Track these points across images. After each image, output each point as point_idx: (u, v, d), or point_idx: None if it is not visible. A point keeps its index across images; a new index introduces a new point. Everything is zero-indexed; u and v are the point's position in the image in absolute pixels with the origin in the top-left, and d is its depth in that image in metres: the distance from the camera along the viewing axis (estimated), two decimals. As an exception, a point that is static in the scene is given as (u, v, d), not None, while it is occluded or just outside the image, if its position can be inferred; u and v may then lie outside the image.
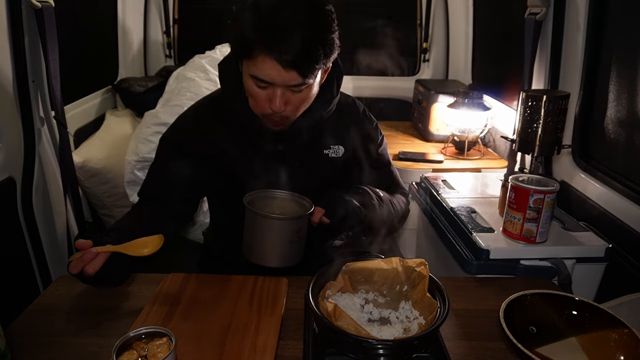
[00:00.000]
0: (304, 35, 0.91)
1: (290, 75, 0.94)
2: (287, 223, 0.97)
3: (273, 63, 0.92)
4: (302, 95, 1.01)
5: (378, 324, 0.87)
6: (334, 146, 1.19)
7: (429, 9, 2.71)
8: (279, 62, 0.92)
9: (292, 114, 1.04)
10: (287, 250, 0.99)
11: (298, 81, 0.96)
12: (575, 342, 0.89)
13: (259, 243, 0.99)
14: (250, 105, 1.06)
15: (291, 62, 0.92)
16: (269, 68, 0.93)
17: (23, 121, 1.42)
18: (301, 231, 1.00)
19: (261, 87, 0.98)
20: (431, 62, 2.80)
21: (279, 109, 0.99)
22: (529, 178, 1.19)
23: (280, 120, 1.05)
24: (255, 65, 0.95)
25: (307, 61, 0.93)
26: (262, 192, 1.05)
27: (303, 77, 0.95)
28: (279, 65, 0.92)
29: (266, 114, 1.02)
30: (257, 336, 0.86)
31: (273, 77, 0.95)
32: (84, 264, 0.89)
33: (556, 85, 1.56)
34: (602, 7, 1.40)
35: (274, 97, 0.98)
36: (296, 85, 0.97)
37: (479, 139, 2.15)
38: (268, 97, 0.99)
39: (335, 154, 1.19)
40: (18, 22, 1.35)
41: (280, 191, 1.07)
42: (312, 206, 1.02)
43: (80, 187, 1.75)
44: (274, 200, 1.06)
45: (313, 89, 1.03)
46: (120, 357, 0.72)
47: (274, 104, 0.98)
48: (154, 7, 2.72)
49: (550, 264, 1.17)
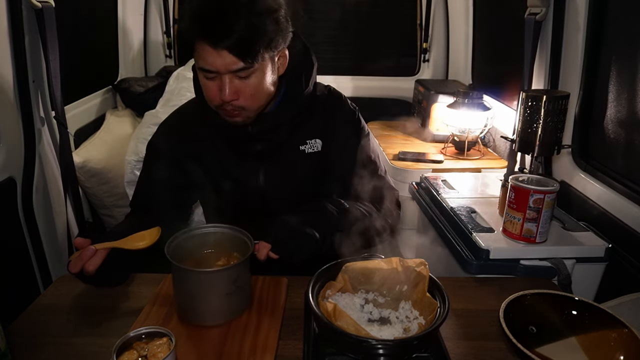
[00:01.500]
0: (236, 15, 0.91)
1: (226, 58, 0.93)
2: (217, 275, 0.86)
3: (207, 48, 0.93)
4: (253, 83, 0.99)
5: (378, 324, 0.87)
6: (310, 141, 1.15)
7: (429, 9, 2.71)
8: (211, 45, 0.92)
9: (248, 104, 1.01)
10: (225, 304, 0.88)
11: (238, 65, 0.94)
12: (575, 342, 0.89)
13: (189, 300, 0.87)
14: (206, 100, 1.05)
15: (222, 43, 0.92)
16: (206, 54, 0.94)
17: (23, 121, 1.42)
18: (240, 279, 0.88)
19: (209, 78, 0.98)
20: (431, 62, 2.80)
21: (228, 97, 0.97)
22: (529, 178, 1.19)
23: (235, 112, 1.02)
24: (198, 55, 0.96)
25: (240, 42, 0.92)
26: (194, 230, 0.95)
27: (241, 59, 0.94)
28: (211, 48, 0.92)
29: (219, 105, 1.01)
30: (257, 336, 0.86)
31: (212, 63, 0.94)
32: (83, 262, 0.87)
33: (556, 85, 1.56)
34: (602, 7, 1.40)
35: (222, 85, 0.97)
36: (240, 70, 0.95)
37: (479, 139, 2.15)
38: (217, 87, 0.98)
39: (312, 149, 1.15)
40: (18, 22, 1.35)
41: (217, 225, 0.97)
42: (252, 243, 0.91)
43: (80, 187, 1.75)
44: (206, 237, 0.96)
45: (266, 77, 1.00)
46: (120, 357, 0.71)
47: (223, 93, 0.97)
48: (154, 7, 2.72)
49: (550, 264, 1.17)
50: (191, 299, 0.87)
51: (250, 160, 1.14)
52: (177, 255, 0.89)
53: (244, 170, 1.15)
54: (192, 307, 0.88)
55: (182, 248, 0.92)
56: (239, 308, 0.92)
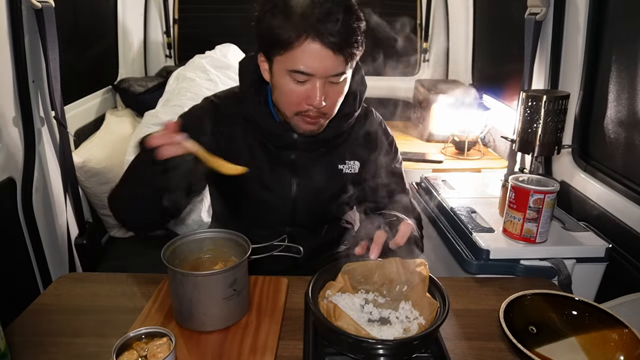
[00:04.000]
0: (347, 17, 0.89)
1: (332, 60, 0.91)
2: (214, 278, 0.84)
3: (319, 48, 0.89)
4: (339, 88, 0.98)
5: (378, 324, 0.87)
6: (349, 162, 1.15)
7: (429, 9, 2.71)
8: (327, 46, 0.89)
9: (330, 110, 1.00)
10: (223, 309, 0.87)
11: (338, 70, 0.93)
12: (575, 342, 0.89)
13: (187, 305, 0.86)
14: (281, 106, 1.01)
15: (339, 44, 0.89)
16: (313, 55, 0.90)
17: (23, 121, 1.42)
18: (238, 283, 0.86)
19: (299, 82, 0.94)
20: (431, 62, 2.80)
21: (319, 102, 0.94)
22: (529, 178, 1.19)
23: (317, 118, 1.00)
24: (295, 56, 0.91)
25: (350, 44, 0.91)
26: (191, 235, 0.94)
27: (346, 63, 0.92)
28: (328, 49, 0.89)
29: (302, 111, 0.98)
30: (257, 336, 0.86)
31: (314, 65, 0.91)
32: (165, 142, 0.82)
33: (556, 85, 1.56)
34: (602, 7, 1.40)
35: (314, 89, 0.94)
36: (337, 75, 0.93)
37: (479, 139, 2.15)
38: (306, 92, 0.95)
39: (350, 170, 1.15)
40: (18, 22, 1.35)
41: (214, 230, 0.95)
42: (249, 247, 0.89)
43: (80, 187, 1.75)
44: (203, 242, 0.95)
45: (347, 82, 0.99)
46: (120, 357, 0.71)
47: (313, 98, 0.94)
48: (154, 7, 2.72)
49: (550, 264, 1.17)
50: (188, 304, 0.85)
51: (284, 169, 1.11)
52: (173, 260, 0.88)
53: (277, 177, 1.12)
54: (189, 313, 0.86)
55: (179, 253, 0.91)
56: (237, 313, 0.90)
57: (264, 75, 1.04)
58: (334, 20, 0.88)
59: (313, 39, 0.89)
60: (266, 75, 1.03)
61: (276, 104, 1.05)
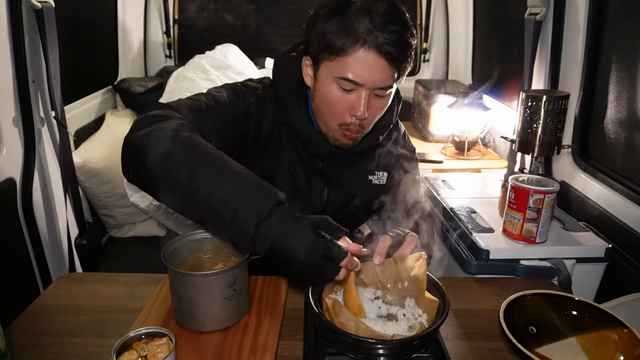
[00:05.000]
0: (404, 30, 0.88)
1: (384, 72, 0.89)
2: (214, 278, 0.84)
3: (375, 57, 0.87)
4: (383, 103, 0.96)
5: (384, 320, 0.87)
6: (378, 173, 1.14)
7: (429, 9, 2.71)
8: (384, 55, 0.87)
9: (369, 124, 0.98)
10: (223, 309, 0.86)
11: (388, 82, 0.91)
12: (575, 342, 0.89)
13: (186, 305, 0.85)
14: (323, 114, 0.98)
15: (393, 55, 0.87)
16: (365, 64, 0.88)
17: (23, 121, 1.42)
18: (238, 283, 0.86)
19: (345, 91, 0.92)
20: (431, 62, 2.80)
21: (363, 114, 0.92)
22: (529, 178, 1.19)
23: (357, 131, 0.97)
24: (346, 63, 0.89)
25: (405, 58, 0.89)
26: (191, 235, 0.93)
27: (396, 77, 0.91)
28: (383, 59, 0.87)
29: (345, 123, 0.95)
30: (257, 336, 0.86)
31: (366, 76, 0.88)
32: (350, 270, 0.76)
33: (556, 85, 1.56)
34: (602, 7, 1.40)
35: (359, 100, 0.91)
36: (384, 88, 0.91)
37: (479, 139, 2.15)
38: (350, 102, 0.92)
39: (378, 181, 1.14)
40: (18, 22, 1.35)
41: None
42: None
43: (80, 187, 1.75)
44: (203, 242, 0.94)
45: (390, 97, 0.97)
46: (120, 357, 0.71)
47: (356, 109, 0.91)
48: (154, 7, 2.72)
49: (550, 264, 1.17)
50: (188, 304, 0.85)
51: (316, 177, 1.10)
52: (173, 260, 0.88)
53: (310, 185, 1.10)
54: (189, 313, 0.86)
55: (179, 253, 0.91)
56: (237, 313, 0.90)
57: (305, 80, 1.01)
58: (392, 31, 0.87)
59: (369, 47, 0.87)
60: (308, 80, 1.00)
61: (316, 112, 1.02)
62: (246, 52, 2.46)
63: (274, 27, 2.71)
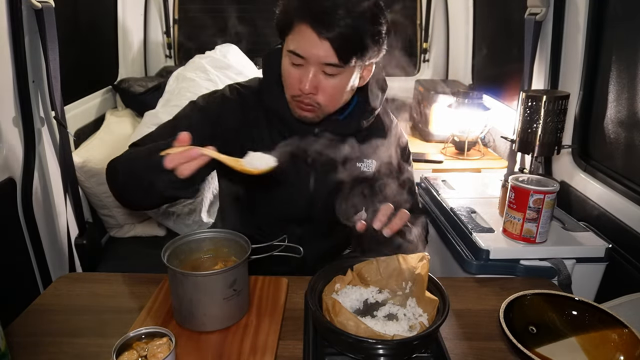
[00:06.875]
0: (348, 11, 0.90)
1: (324, 49, 0.92)
2: (214, 278, 0.84)
3: (309, 31, 0.92)
4: (334, 83, 0.98)
5: (384, 319, 0.87)
6: (367, 160, 1.16)
7: (429, 9, 2.71)
8: (316, 31, 0.91)
9: (324, 102, 1.01)
10: (223, 309, 0.87)
11: (331, 60, 0.94)
12: (575, 342, 0.89)
13: (186, 305, 0.86)
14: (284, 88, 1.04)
15: (327, 33, 0.90)
16: (304, 38, 0.93)
17: (23, 121, 1.42)
18: (238, 283, 0.86)
19: (295, 65, 0.97)
20: (431, 62, 2.80)
21: (306, 89, 0.97)
22: (529, 178, 1.19)
23: (310, 106, 1.01)
24: (294, 38, 0.95)
25: (345, 38, 0.92)
26: (191, 235, 0.94)
27: (337, 56, 0.93)
28: (315, 33, 0.91)
29: (295, 95, 1.00)
30: (257, 336, 0.86)
31: (306, 50, 0.93)
32: (183, 162, 0.80)
33: (556, 85, 1.56)
34: (602, 7, 1.40)
35: (305, 75, 0.96)
36: (329, 66, 0.95)
37: (479, 139, 2.15)
38: (300, 76, 0.97)
39: (367, 169, 1.16)
40: (18, 22, 1.35)
41: (214, 230, 0.95)
42: (249, 247, 0.89)
43: (80, 187, 1.75)
44: (203, 242, 0.95)
45: (348, 82, 1.00)
46: (120, 357, 0.71)
47: (303, 84, 0.97)
48: (154, 7, 2.72)
49: (550, 264, 1.17)
50: (188, 304, 0.85)
51: (303, 163, 1.12)
52: (173, 260, 0.88)
53: (296, 171, 1.12)
54: (189, 313, 0.86)
55: (179, 253, 0.91)
56: (237, 313, 0.90)
57: None
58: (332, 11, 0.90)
59: (304, 22, 0.92)
60: None
61: None
62: (246, 52, 2.46)
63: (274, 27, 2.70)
